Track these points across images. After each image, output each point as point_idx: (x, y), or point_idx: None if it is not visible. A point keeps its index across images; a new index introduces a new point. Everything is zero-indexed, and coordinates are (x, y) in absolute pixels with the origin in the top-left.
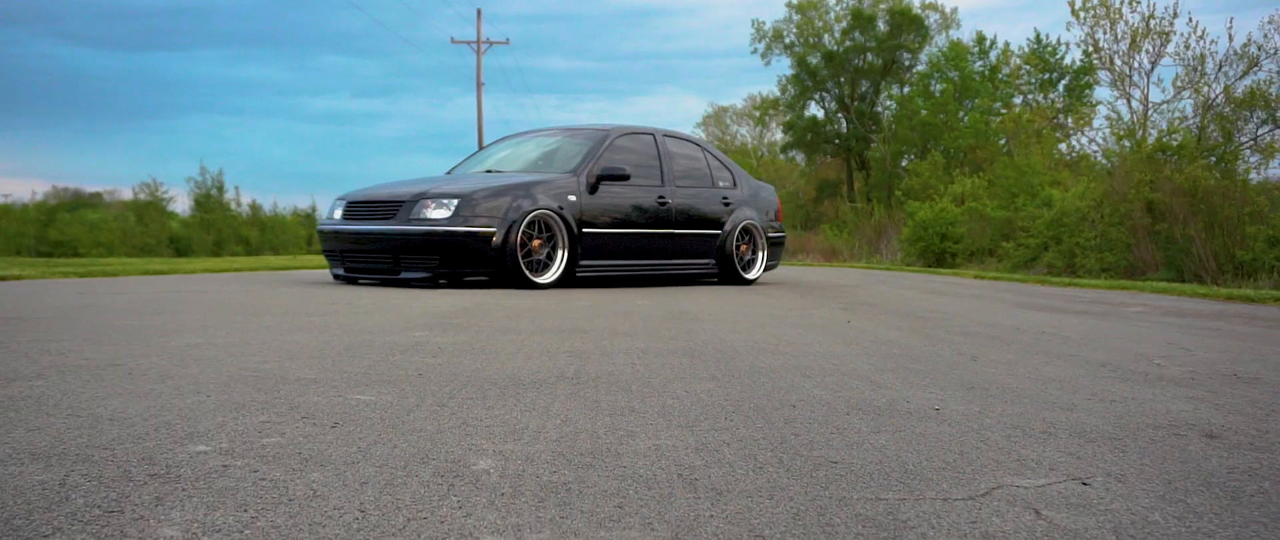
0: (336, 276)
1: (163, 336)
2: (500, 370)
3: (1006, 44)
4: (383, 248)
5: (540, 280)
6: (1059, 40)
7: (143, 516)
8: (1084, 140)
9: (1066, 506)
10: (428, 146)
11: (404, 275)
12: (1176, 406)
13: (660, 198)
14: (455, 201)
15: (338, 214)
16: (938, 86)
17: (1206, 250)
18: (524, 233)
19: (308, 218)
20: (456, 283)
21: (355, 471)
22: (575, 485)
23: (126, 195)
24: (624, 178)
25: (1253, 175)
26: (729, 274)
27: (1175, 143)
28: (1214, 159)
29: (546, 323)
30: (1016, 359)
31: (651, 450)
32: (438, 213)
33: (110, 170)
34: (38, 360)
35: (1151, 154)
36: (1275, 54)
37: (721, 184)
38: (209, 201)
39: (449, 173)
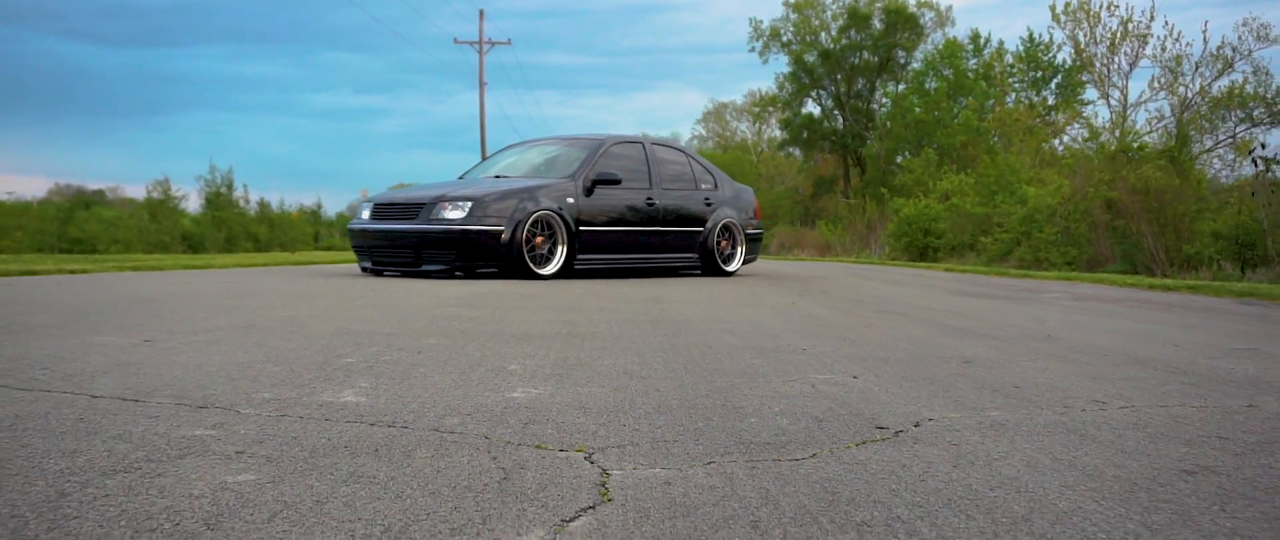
0: (364, 269)
1: (263, 311)
2: (516, 329)
3: (1001, 42)
4: (406, 243)
5: (543, 272)
6: (1051, 40)
7: (344, 380)
8: (1068, 138)
9: (832, 385)
10: (428, 142)
11: (425, 267)
12: (969, 350)
13: (649, 199)
14: (469, 203)
15: (366, 214)
16: (932, 84)
17: (1157, 245)
18: (529, 230)
19: (314, 214)
20: (470, 274)
21: (443, 368)
22: (565, 374)
23: (128, 192)
24: (616, 182)
25: (1228, 173)
26: (711, 266)
27: (1135, 144)
28: (1170, 160)
29: (549, 303)
30: (899, 327)
31: (611, 364)
32: (454, 213)
33: (112, 167)
34: (195, 323)
35: (1114, 155)
36: (1249, 56)
37: (704, 186)
38: (219, 199)
39: (461, 177)
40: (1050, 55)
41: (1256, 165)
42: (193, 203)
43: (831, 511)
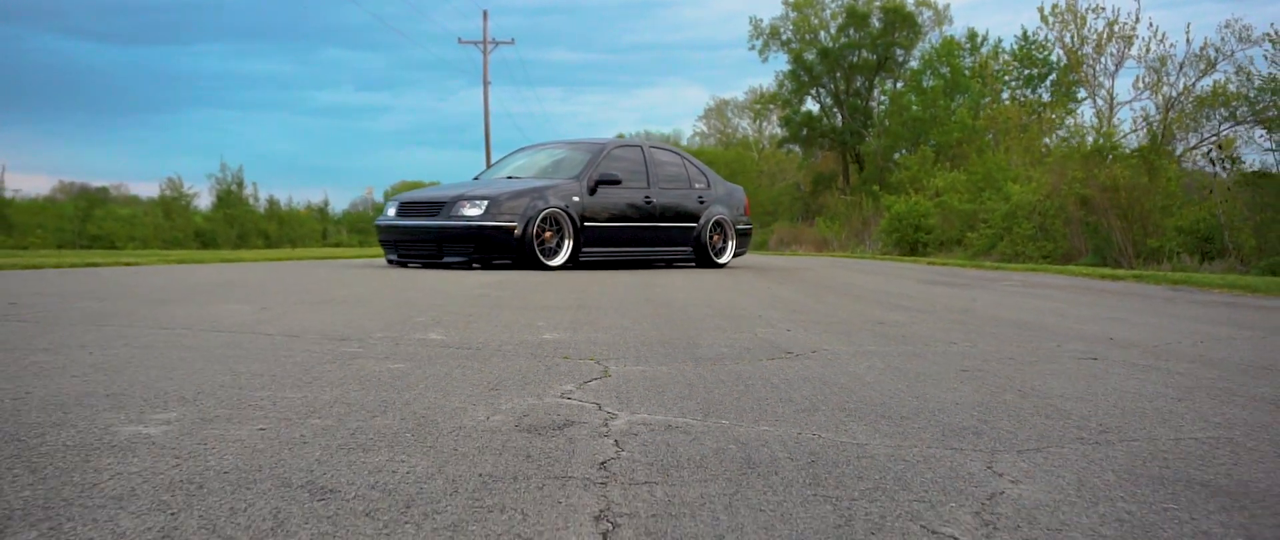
0: (390, 261)
1: (329, 291)
2: (536, 303)
3: (999, 40)
4: (429, 238)
5: (552, 264)
6: (1045, 39)
7: (426, 328)
8: (1059, 136)
9: (770, 334)
10: (431, 140)
11: (446, 259)
12: (891, 317)
13: (647, 197)
14: (485, 202)
15: (391, 212)
16: (929, 82)
17: (1125, 239)
18: (539, 226)
19: (321, 212)
20: (486, 265)
21: (490, 324)
22: (578, 327)
23: (133, 189)
24: (617, 182)
25: (1211, 169)
26: (704, 259)
27: (1110, 144)
28: (1142, 159)
29: (560, 288)
30: (849, 304)
31: (611, 322)
32: (472, 211)
33: (115, 164)
34: (284, 299)
35: (1089, 154)
36: (1232, 56)
37: (697, 186)
38: (230, 197)
39: (475, 179)
40: (1044, 54)
41: (1213, 165)
42: (204, 200)
43: (733, 382)
